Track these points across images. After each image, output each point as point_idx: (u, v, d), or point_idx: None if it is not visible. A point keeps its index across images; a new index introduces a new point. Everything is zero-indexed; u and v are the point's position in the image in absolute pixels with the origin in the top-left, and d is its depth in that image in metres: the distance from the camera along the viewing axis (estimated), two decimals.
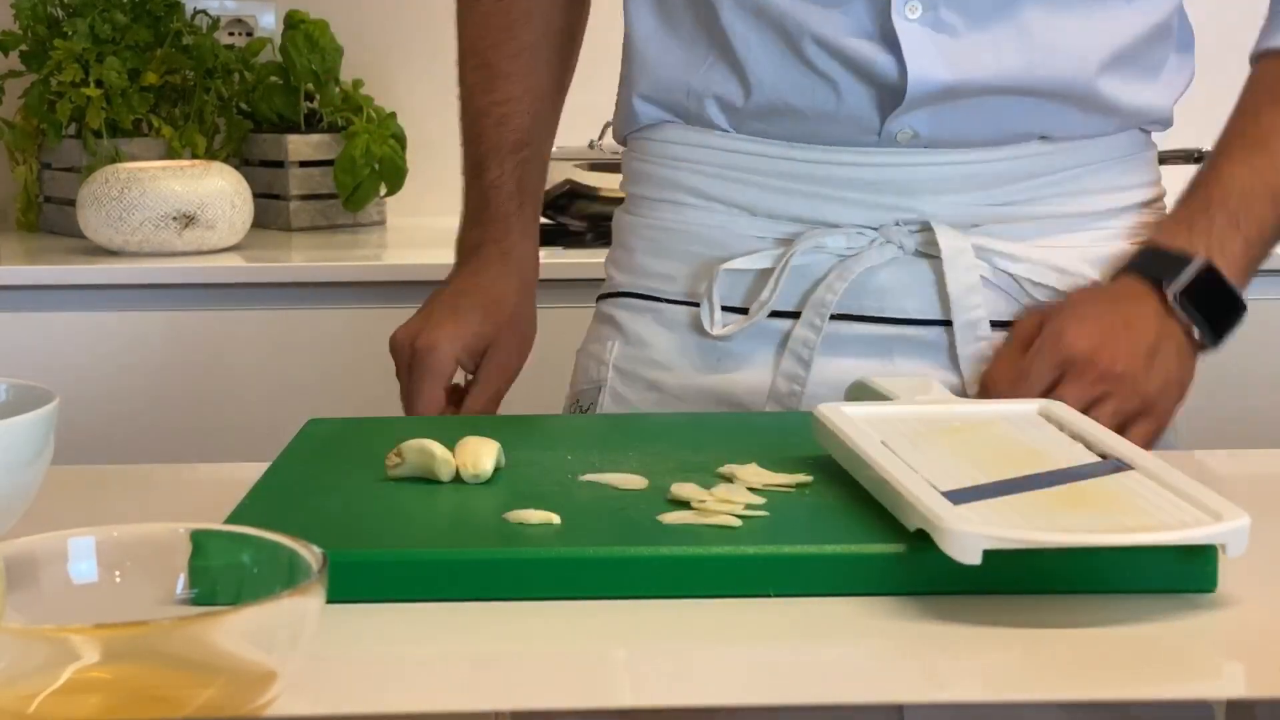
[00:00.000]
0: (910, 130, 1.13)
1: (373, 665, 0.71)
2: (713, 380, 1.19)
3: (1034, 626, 0.75)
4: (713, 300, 1.17)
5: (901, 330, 1.16)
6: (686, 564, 0.78)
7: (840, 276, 1.14)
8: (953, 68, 1.11)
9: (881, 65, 1.11)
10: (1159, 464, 0.84)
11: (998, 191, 1.15)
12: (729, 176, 1.18)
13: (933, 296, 1.15)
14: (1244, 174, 1.12)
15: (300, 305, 2.16)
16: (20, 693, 0.60)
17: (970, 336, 1.14)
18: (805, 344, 1.15)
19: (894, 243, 1.14)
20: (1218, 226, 1.10)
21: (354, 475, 0.92)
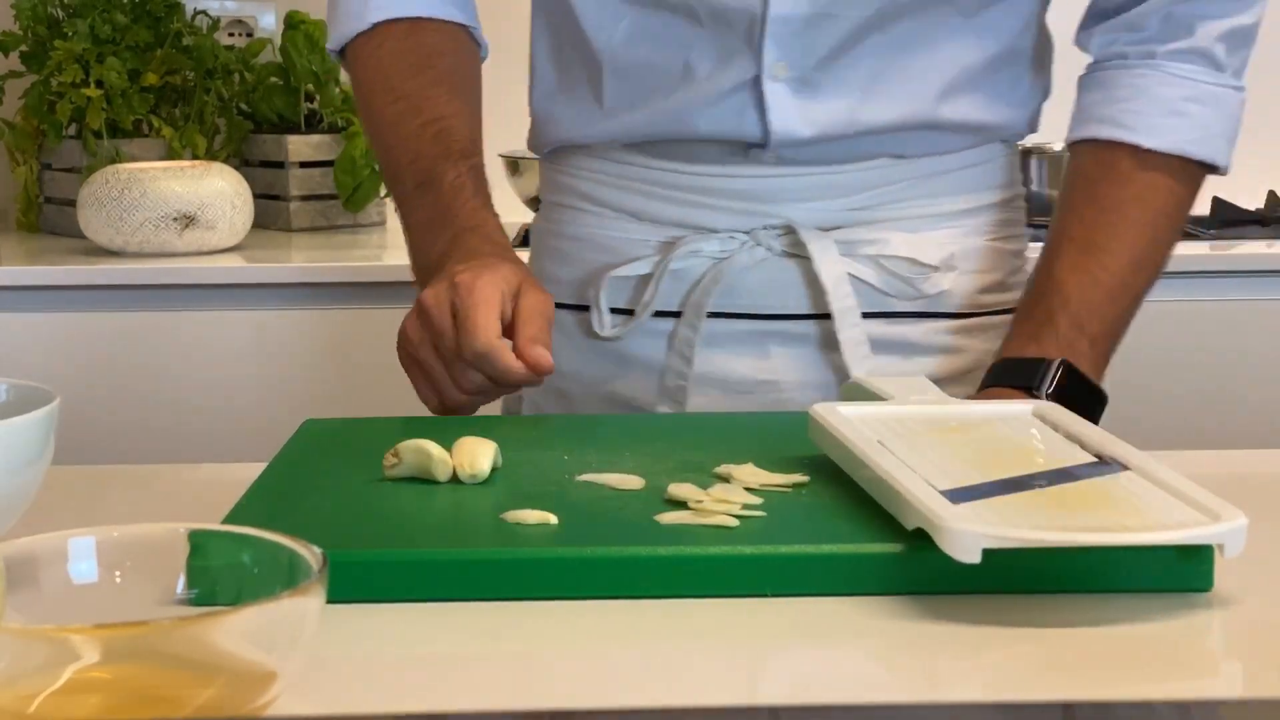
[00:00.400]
0: (774, 154, 1.21)
1: (373, 665, 0.71)
2: (610, 383, 1.26)
3: (1033, 626, 0.75)
4: (601, 305, 1.25)
5: (774, 325, 1.23)
6: (684, 564, 0.78)
7: (714, 279, 1.22)
8: (811, 125, 1.19)
9: (746, 123, 1.19)
10: (1156, 465, 0.84)
11: (855, 198, 1.23)
12: (620, 185, 1.26)
13: (801, 293, 1.22)
14: (1077, 279, 1.16)
15: (300, 305, 2.16)
16: (20, 693, 0.60)
17: (848, 323, 1.21)
18: (687, 342, 1.23)
19: (763, 245, 1.22)
20: (1062, 333, 1.15)
21: (351, 475, 0.92)
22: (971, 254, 1.25)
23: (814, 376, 1.22)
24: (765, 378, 1.23)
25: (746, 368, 1.23)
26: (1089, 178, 1.20)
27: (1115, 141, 1.19)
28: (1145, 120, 1.19)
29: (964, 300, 1.25)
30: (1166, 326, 2.16)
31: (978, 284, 1.26)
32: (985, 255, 1.26)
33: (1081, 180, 1.21)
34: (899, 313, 1.24)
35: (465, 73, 1.27)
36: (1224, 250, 2.25)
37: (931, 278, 1.23)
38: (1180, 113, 1.19)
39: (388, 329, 2.24)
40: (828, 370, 1.23)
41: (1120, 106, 1.20)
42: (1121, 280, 1.18)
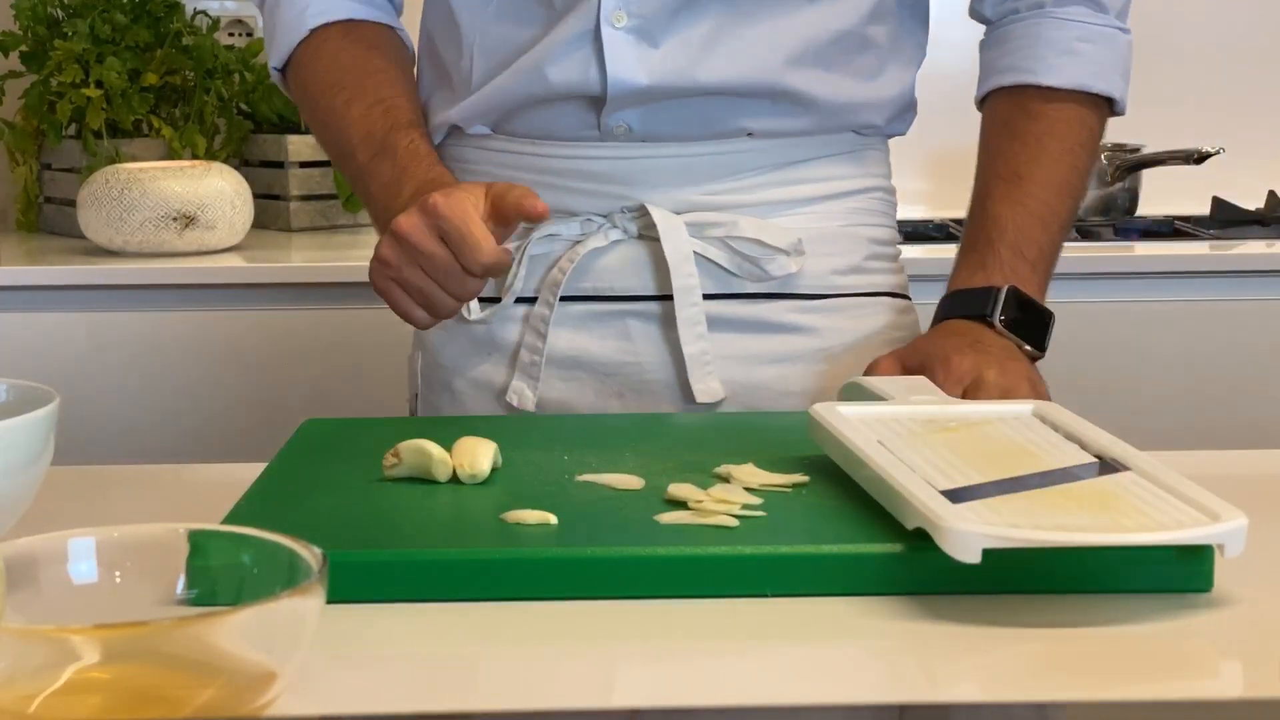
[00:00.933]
0: (624, 125, 1.24)
1: (373, 665, 0.71)
2: (483, 371, 1.30)
3: (1032, 626, 0.75)
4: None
5: (631, 306, 1.27)
6: (683, 564, 0.78)
7: (569, 259, 1.26)
8: (649, 73, 1.21)
9: (590, 74, 1.22)
10: (1156, 465, 0.84)
11: (708, 185, 1.26)
12: (487, 172, 1.29)
13: (651, 274, 1.26)
14: (1009, 210, 1.24)
15: (300, 305, 2.16)
16: (20, 693, 0.60)
17: (686, 301, 1.24)
18: (542, 320, 1.27)
19: (618, 227, 1.26)
20: (1005, 260, 1.22)
21: (351, 476, 0.92)
22: (824, 238, 1.28)
23: (675, 357, 1.25)
24: (627, 359, 1.26)
25: (609, 349, 1.26)
26: (1004, 120, 1.28)
27: (1021, 85, 1.27)
28: (1044, 62, 1.27)
29: (815, 281, 1.28)
30: (1167, 326, 2.16)
31: (829, 266, 1.28)
32: (839, 239, 1.29)
33: (998, 124, 1.29)
34: (748, 294, 1.26)
35: (403, 64, 1.33)
36: (1224, 250, 2.25)
37: (778, 260, 1.25)
38: (1073, 51, 1.27)
39: (387, 329, 2.24)
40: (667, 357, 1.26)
41: (1019, 55, 1.28)
42: (1050, 207, 1.25)
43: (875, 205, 1.33)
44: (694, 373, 1.24)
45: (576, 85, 1.23)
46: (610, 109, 1.23)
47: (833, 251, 1.29)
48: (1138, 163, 2.43)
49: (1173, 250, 2.25)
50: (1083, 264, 2.13)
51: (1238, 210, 2.47)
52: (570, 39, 1.22)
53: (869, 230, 1.32)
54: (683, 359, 1.24)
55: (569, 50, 1.23)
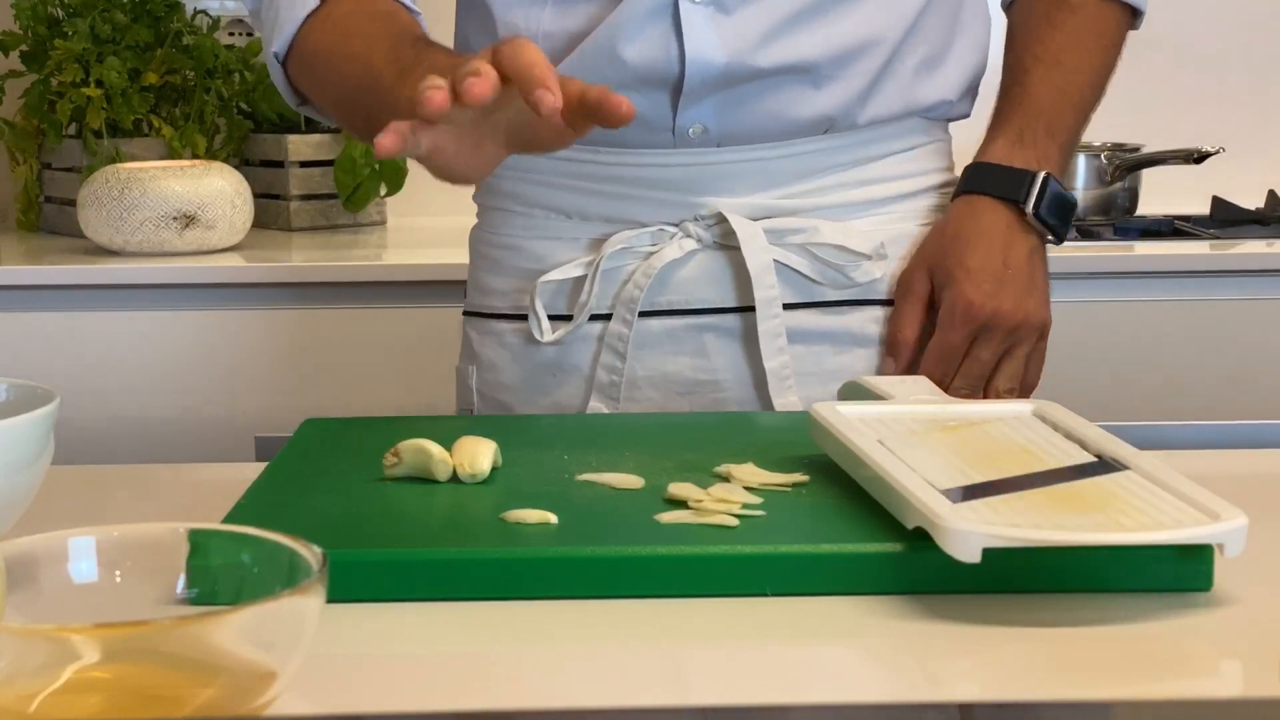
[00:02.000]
0: (700, 125, 1.20)
1: (373, 665, 0.71)
2: (550, 393, 1.25)
3: (1032, 625, 0.75)
4: (537, 310, 1.24)
5: (706, 320, 1.23)
6: (684, 564, 0.78)
7: (645, 273, 1.21)
8: (729, 50, 1.17)
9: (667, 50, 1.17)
10: (1156, 465, 0.84)
11: (784, 188, 1.23)
12: (544, 181, 1.24)
13: (730, 285, 1.22)
14: (1049, 91, 1.25)
15: (300, 305, 2.16)
16: (20, 693, 0.60)
17: (768, 313, 1.21)
18: (620, 338, 1.22)
19: (692, 236, 1.22)
20: (1040, 140, 1.23)
21: (351, 475, 0.92)
22: (904, 240, 1.26)
23: (755, 374, 1.22)
24: (704, 377, 1.22)
25: (685, 367, 1.22)
26: (1044, 13, 1.28)
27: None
28: None
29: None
30: (1167, 326, 2.16)
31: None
32: (918, 241, 1.27)
33: (1037, 16, 1.28)
34: (833, 301, 1.24)
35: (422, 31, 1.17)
36: (1224, 250, 2.25)
37: (862, 265, 1.23)
38: None
39: (388, 329, 2.24)
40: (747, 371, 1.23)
41: None
42: (1083, 96, 1.27)
43: (947, 200, 1.30)
44: (775, 388, 1.21)
45: (653, 65, 1.17)
46: (686, 101, 1.18)
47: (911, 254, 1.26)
48: (1138, 162, 2.43)
49: (1172, 250, 2.25)
50: (1083, 264, 2.13)
51: (1238, 210, 2.46)
52: (644, 14, 1.17)
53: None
54: (761, 375, 1.21)
55: (644, 27, 1.17)
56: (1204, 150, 2.41)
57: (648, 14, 1.17)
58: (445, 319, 2.17)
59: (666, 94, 1.19)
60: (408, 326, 2.16)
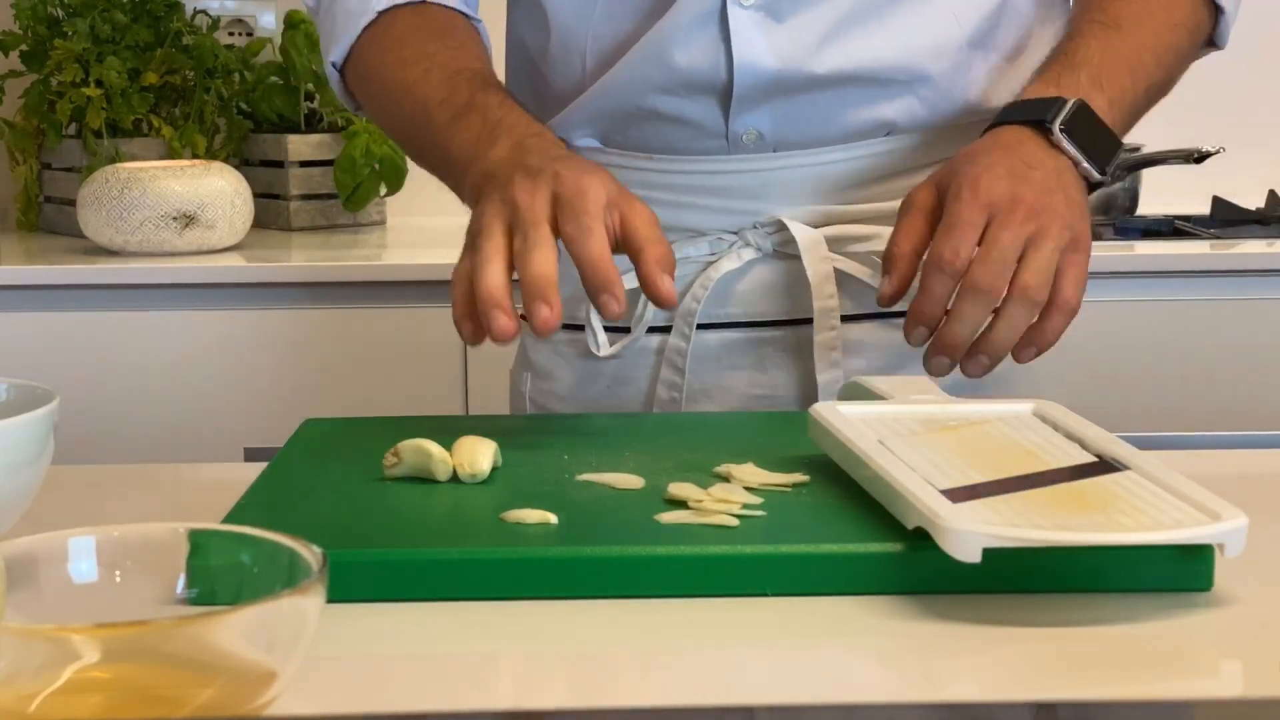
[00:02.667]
0: (754, 131, 1.16)
1: (373, 665, 0.71)
2: (604, 406, 1.22)
3: (1032, 625, 0.75)
4: (594, 324, 1.20)
5: (765, 333, 1.19)
6: (684, 564, 0.78)
7: (702, 284, 1.18)
8: (780, 56, 1.13)
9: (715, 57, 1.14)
10: (1157, 465, 0.84)
11: (846, 193, 1.18)
12: None
13: (789, 297, 1.18)
14: (1101, 48, 1.12)
15: (300, 305, 2.16)
16: (20, 693, 0.60)
17: (824, 324, 1.17)
18: (679, 353, 1.19)
19: (752, 245, 1.18)
20: (1083, 83, 1.10)
21: (351, 475, 0.92)
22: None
23: (811, 387, 1.18)
24: (761, 392, 1.19)
25: (742, 382, 1.19)
26: None
27: None
28: None
29: None
30: (1167, 326, 2.16)
31: None
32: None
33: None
34: (895, 313, 1.16)
35: (481, 46, 1.21)
36: (1224, 250, 2.25)
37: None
38: None
39: (388, 329, 2.24)
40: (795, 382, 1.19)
41: None
42: (1143, 64, 1.14)
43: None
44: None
45: (702, 71, 1.14)
46: (738, 108, 1.15)
47: None
48: (1138, 162, 2.43)
49: (1173, 250, 2.25)
50: None
51: (1238, 210, 2.47)
52: (694, 19, 1.13)
53: None
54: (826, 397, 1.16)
55: (693, 32, 1.14)
56: (1204, 150, 2.41)
57: (697, 19, 1.14)
58: (445, 319, 2.16)
59: (716, 100, 1.16)
60: (408, 326, 2.16)
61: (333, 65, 1.22)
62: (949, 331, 1.01)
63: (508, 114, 1.07)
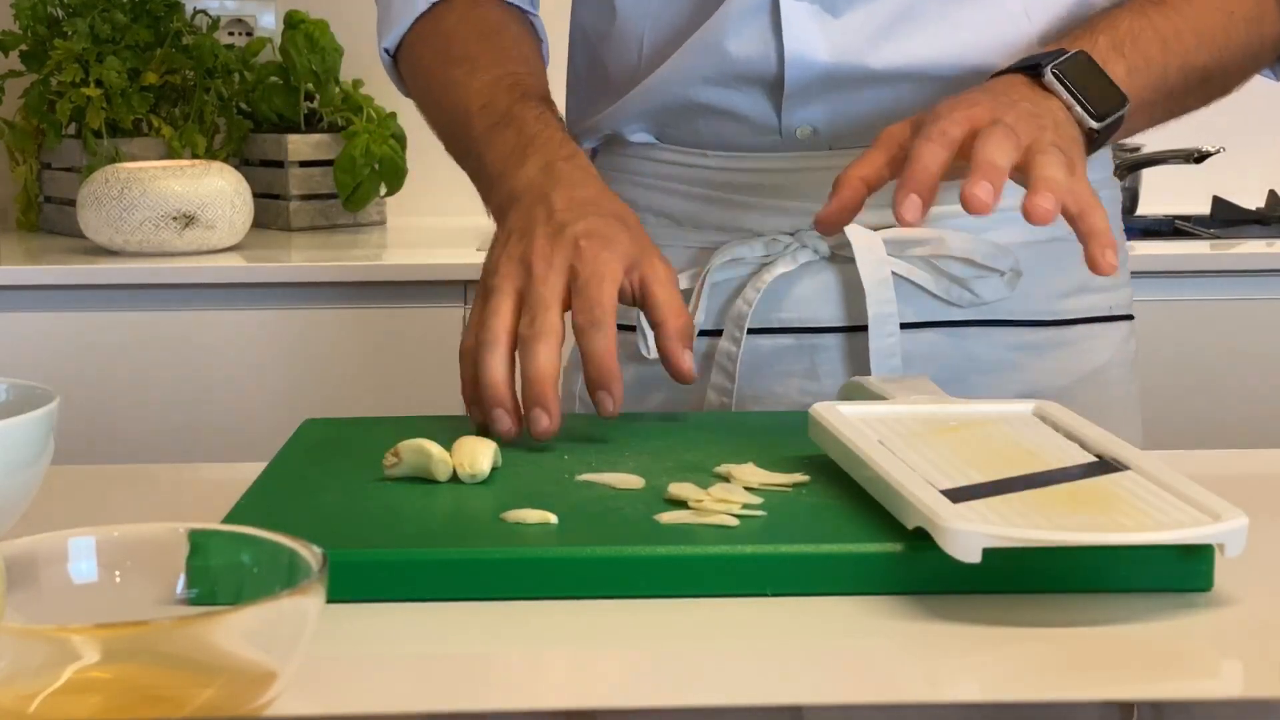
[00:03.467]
0: (809, 127, 1.14)
1: (373, 665, 0.71)
2: (653, 407, 1.21)
3: (1032, 626, 0.75)
4: (644, 326, 1.18)
5: (817, 339, 1.16)
6: (684, 564, 0.78)
7: (754, 287, 1.15)
8: (832, 49, 1.11)
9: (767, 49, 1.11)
10: (1157, 465, 0.84)
11: None
12: (655, 186, 1.20)
13: (844, 302, 1.15)
14: (1132, 19, 1.07)
15: (300, 305, 2.16)
16: (20, 693, 0.60)
17: (881, 331, 1.13)
18: (729, 357, 1.16)
19: (808, 246, 1.14)
20: (1099, 45, 1.04)
21: (350, 475, 0.92)
22: (1044, 252, 1.14)
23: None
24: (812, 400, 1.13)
25: (793, 389, 1.16)
26: None
27: None
28: None
29: (1033, 305, 1.16)
30: (1167, 326, 2.16)
31: (1051, 287, 1.16)
32: (1062, 253, 1.14)
33: None
34: (955, 321, 1.15)
35: (533, 45, 1.18)
36: (1224, 250, 2.26)
37: (991, 281, 1.13)
38: None
39: (387, 329, 2.24)
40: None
41: None
42: (1180, 36, 1.08)
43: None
44: None
45: (753, 62, 1.11)
46: (790, 102, 1.12)
47: (1054, 269, 1.15)
48: (1138, 162, 2.43)
49: (1173, 250, 2.25)
50: None
51: (1238, 209, 2.47)
52: (746, 9, 1.11)
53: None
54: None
55: (744, 22, 1.11)
56: (1204, 150, 2.41)
57: (748, 9, 1.12)
58: (445, 319, 2.17)
59: (767, 93, 1.13)
60: (408, 326, 2.16)
61: (385, 51, 1.21)
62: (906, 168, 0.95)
63: (542, 130, 1.06)
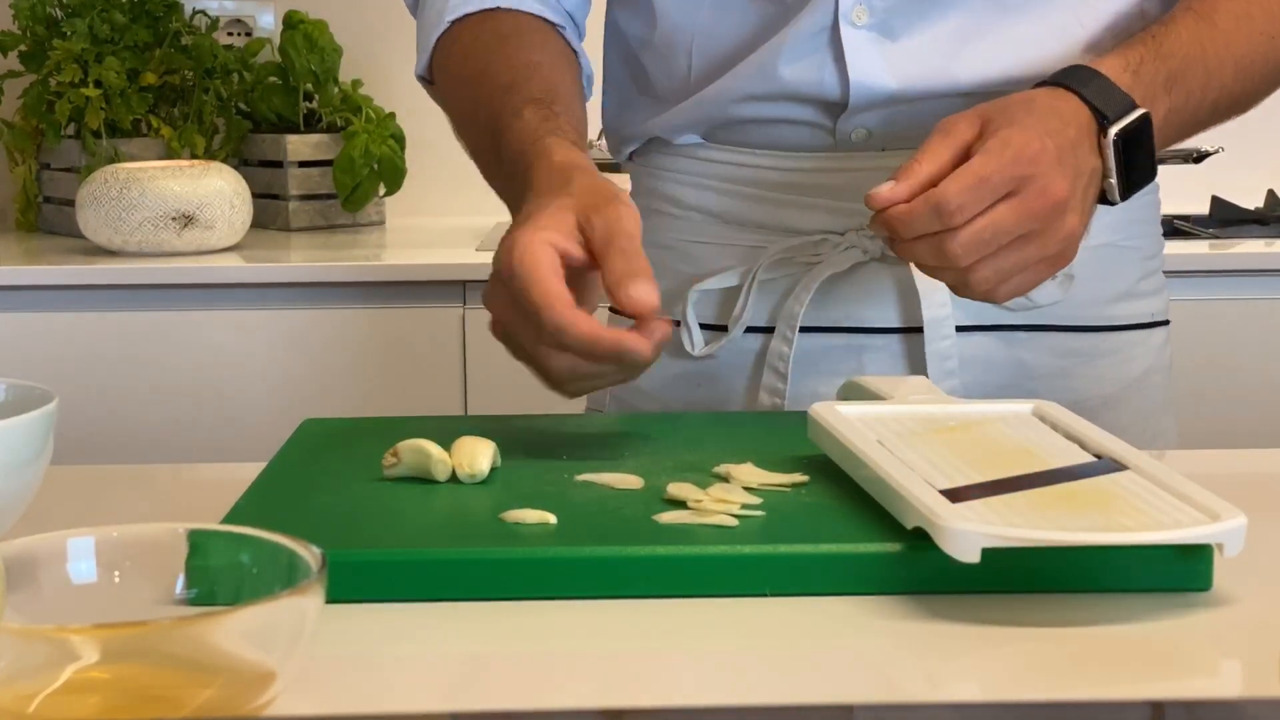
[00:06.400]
0: (864, 130, 1.13)
1: (372, 665, 0.71)
2: (692, 406, 1.20)
3: (1031, 625, 0.75)
4: (689, 322, 1.18)
5: (870, 339, 1.15)
6: (683, 564, 0.78)
7: (806, 286, 1.14)
8: (898, 75, 1.10)
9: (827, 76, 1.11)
10: (1155, 464, 0.84)
11: None
12: (701, 184, 1.19)
13: (896, 303, 1.14)
14: (1189, 41, 1.06)
15: (300, 305, 2.16)
16: (20, 693, 0.60)
17: (937, 334, 1.13)
18: (781, 357, 1.16)
19: (858, 247, 1.14)
20: (1158, 84, 1.04)
21: (350, 475, 0.92)
22: (1093, 257, 1.14)
23: None
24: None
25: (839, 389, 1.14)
26: None
27: None
28: None
29: (1083, 311, 1.16)
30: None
31: (1099, 292, 1.16)
32: (1111, 259, 1.16)
33: None
34: (1006, 326, 1.14)
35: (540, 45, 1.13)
36: (1224, 250, 2.25)
37: (1045, 287, 1.08)
38: None
39: (387, 329, 2.24)
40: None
41: None
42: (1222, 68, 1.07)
43: (1147, 212, 1.19)
44: None
45: (813, 87, 1.11)
46: (850, 115, 1.12)
47: (1103, 274, 1.15)
48: None
49: (1172, 250, 2.23)
50: None
51: (1237, 209, 2.47)
52: (805, 37, 1.11)
53: (1141, 242, 1.18)
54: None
55: (803, 49, 1.11)
56: (1204, 150, 2.41)
57: (807, 36, 1.11)
58: (444, 319, 2.17)
59: (825, 109, 1.13)
60: (407, 326, 2.16)
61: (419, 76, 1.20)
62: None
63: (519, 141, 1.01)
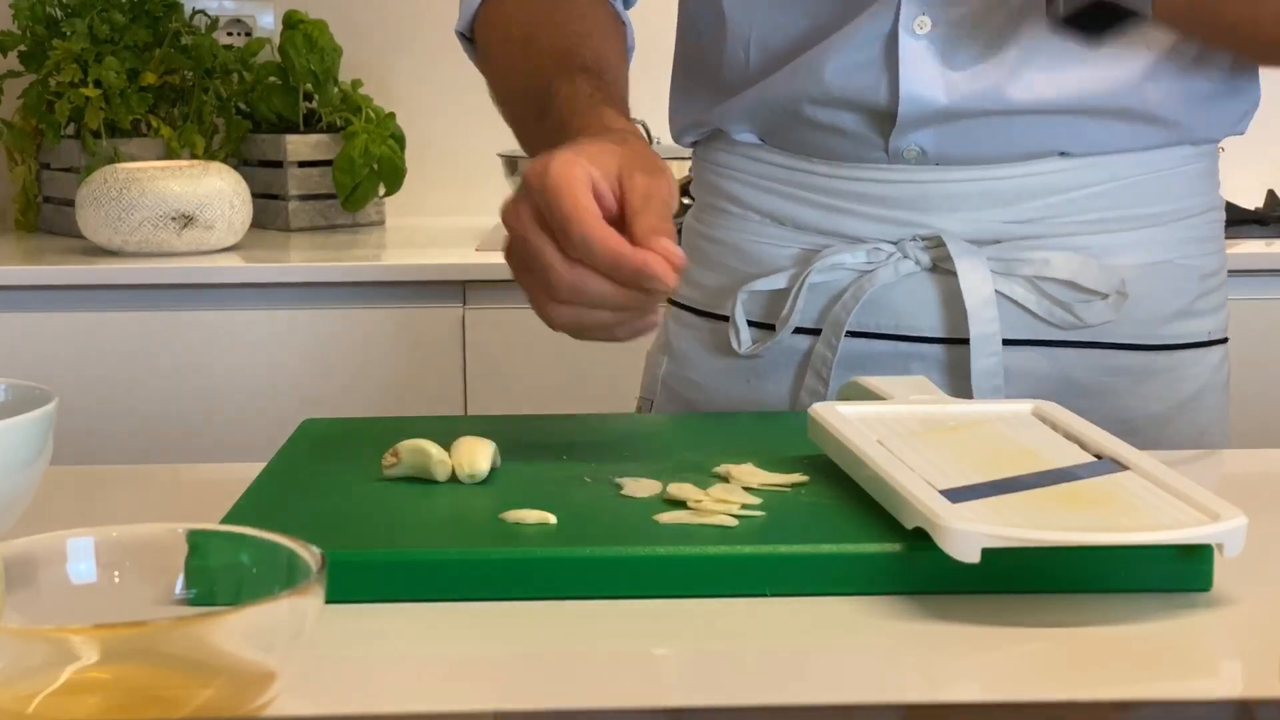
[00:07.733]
0: (916, 148, 1.12)
1: (373, 665, 0.71)
2: (742, 400, 1.20)
3: (1031, 626, 0.75)
4: (737, 320, 1.18)
5: (916, 348, 1.15)
6: (683, 564, 0.78)
7: (855, 295, 1.14)
8: (951, 91, 1.10)
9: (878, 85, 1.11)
10: (1156, 464, 0.84)
11: (1015, 208, 1.12)
12: (759, 185, 1.19)
13: (944, 314, 1.14)
14: None
15: (299, 305, 2.16)
16: (20, 693, 0.60)
17: (983, 350, 1.12)
18: (824, 361, 1.16)
19: (910, 258, 1.13)
20: None
21: (349, 475, 0.92)
22: (1149, 274, 1.13)
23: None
24: None
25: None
26: None
27: None
28: None
29: (1136, 329, 1.14)
30: None
31: (1154, 310, 1.14)
32: (1168, 276, 1.14)
33: None
34: (1054, 341, 1.13)
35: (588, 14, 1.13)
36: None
37: (1095, 305, 1.11)
38: None
39: (386, 329, 2.24)
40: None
41: None
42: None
43: (1208, 230, 1.17)
44: None
45: (862, 93, 1.11)
46: (901, 130, 1.11)
47: (1158, 293, 1.14)
48: None
49: None
50: None
51: (1237, 210, 2.46)
52: (861, 41, 1.10)
53: (1200, 261, 1.16)
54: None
55: (858, 54, 1.10)
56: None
57: (864, 40, 1.10)
58: (444, 319, 2.17)
59: (875, 120, 1.13)
60: (407, 326, 2.16)
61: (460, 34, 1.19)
62: None
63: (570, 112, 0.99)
